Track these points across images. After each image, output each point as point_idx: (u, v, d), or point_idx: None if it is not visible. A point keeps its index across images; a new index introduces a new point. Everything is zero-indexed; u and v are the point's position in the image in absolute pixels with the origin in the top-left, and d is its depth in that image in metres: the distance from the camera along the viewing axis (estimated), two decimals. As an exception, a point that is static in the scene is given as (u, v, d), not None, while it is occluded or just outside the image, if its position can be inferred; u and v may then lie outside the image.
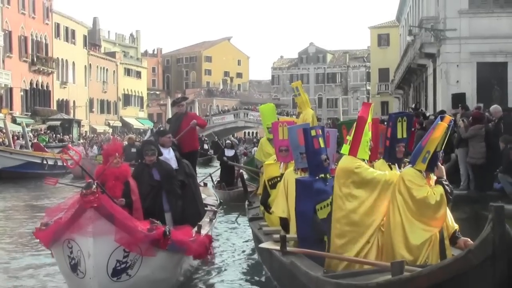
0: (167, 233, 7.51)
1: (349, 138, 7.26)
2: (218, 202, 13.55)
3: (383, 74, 66.04)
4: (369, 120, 7.33)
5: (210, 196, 14.18)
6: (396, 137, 7.46)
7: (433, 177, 6.86)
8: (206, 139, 51.64)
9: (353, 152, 7.14)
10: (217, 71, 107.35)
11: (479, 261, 4.67)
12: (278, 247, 7.69)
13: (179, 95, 71.19)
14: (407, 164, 7.26)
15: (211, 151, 45.17)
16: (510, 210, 11.19)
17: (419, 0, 32.39)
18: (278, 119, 13.54)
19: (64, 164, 13.22)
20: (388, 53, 62.58)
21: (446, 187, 6.71)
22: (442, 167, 6.94)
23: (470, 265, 4.73)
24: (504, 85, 23.90)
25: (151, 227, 7.49)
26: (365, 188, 7.01)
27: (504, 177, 12.66)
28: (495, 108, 14.51)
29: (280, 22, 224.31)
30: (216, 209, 12.12)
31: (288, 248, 7.60)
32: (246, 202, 13.10)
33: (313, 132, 8.02)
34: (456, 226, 6.94)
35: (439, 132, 6.67)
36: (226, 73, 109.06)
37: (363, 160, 7.20)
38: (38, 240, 8.22)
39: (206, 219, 10.76)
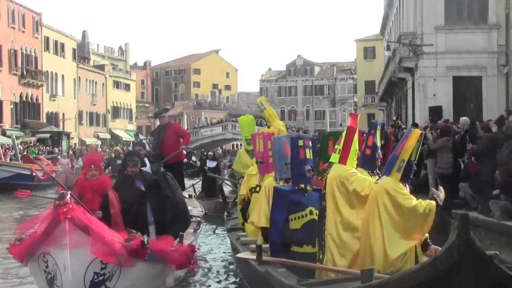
0: (145, 243, 7.34)
1: (338, 147, 7.39)
2: (203, 213, 13.50)
3: (369, 86, 66.74)
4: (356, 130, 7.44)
5: (195, 207, 14.10)
6: (376, 145, 7.64)
7: (407, 188, 6.88)
8: (194, 151, 52.17)
9: (343, 160, 7.28)
10: (206, 84, 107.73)
11: (446, 267, 4.78)
12: (254, 257, 7.85)
13: (169, 108, 71.77)
14: (379, 175, 7.36)
15: (199, 163, 45.64)
16: (471, 217, 12.05)
17: (400, 15, 33.13)
18: (258, 130, 14.12)
19: (35, 174, 13.33)
20: (374, 65, 63.27)
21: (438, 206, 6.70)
22: (443, 192, 7.01)
23: (437, 271, 4.82)
24: (480, 98, 24.61)
25: (129, 237, 7.33)
26: (356, 198, 7.12)
27: (464, 186, 13.43)
28: (462, 120, 15.26)
29: (268, 35, 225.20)
30: (201, 220, 12.09)
31: (264, 258, 7.75)
32: (225, 213, 13.35)
33: (300, 142, 8.21)
34: (426, 234, 6.94)
35: (412, 140, 6.72)
36: (215, 85, 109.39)
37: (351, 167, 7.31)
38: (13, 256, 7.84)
39: (190, 229, 10.79)
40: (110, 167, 20.04)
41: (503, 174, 11.48)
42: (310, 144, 8.33)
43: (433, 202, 6.66)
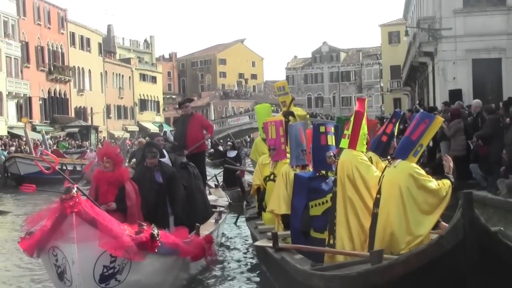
0: (155, 235, 7.21)
1: (347, 132, 7.35)
2: (228, 203, 13.37)
3: (395, 71, 66.31)
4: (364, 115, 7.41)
5: (221, 197, 14.06)
6: (394, 134, 7.63)
7: None
8: (221, 141, 52.51)
9: (352, 145, 7.26)
10: (232, 73, 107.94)
11: (451, 246, 4.84)
12: (271, 244, 7.95)
13: (195, 98, 72.00)
14: (389, 160, 7.13)
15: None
16: (480, 196, 12.32)
17: (420, 0, 33.24)
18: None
19: (40, 169, 13.16)
20: (399, 50, 62.84)
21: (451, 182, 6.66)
22: (451, 164, 6.97)
23: (443, 250, 4.89)
24: (499, 80, 24.67)
25: (139, 230, 7.21)
26: (364, 184, 7.05)
27: (474, 167, 13.65)
28: (475, 102, 15.47)
29: (292, 23, 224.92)
30: (224, 210, 12.00)
31: (280, 245, 7.85)
32: (244, 203, 13.36)
33: (322, 129, 8.15)
34: None
35: (436, 127, 6.71)
36: (241, 75, 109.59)
37: (361, 152, 7.29)
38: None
39: (211, 220, 10.75)
40: (134, 159, 20.32)
41: (509, 154, 11.71)
42: (332, 130, 8.28)
43: (449, 182, 6.60)
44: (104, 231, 6.76)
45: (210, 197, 12.93)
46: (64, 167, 32.63)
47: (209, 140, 30.95)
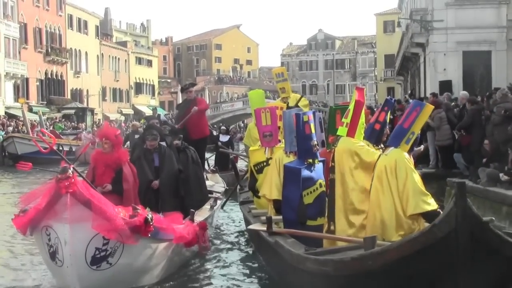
0: (149, 220, 7.11)
1: (345, 120, 7.48)
2: (224, 189, 13.35)
3: (389, 60, 66.40)
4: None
5: (217, 182, 14.00)
6: (387, 122, 7.71)
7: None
8: (214, 126, 52.99)
9: (351, 133, 7.39)
10: (227, 59, 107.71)
11: (444, 234, 4.96)
12: (265, 228, 8.00)
13: (195, 82, 71.43)
14: (383, 148, 7.39)
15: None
16: (471, 187, 13.00)
17: (415, -10, 33.73)
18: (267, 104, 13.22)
19: (38, 148, 13.06)
20: (394, 39, 62.78)
21: None
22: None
23: (436, 238, 5.01)
24: (489, 72, 25.11)
25: (133, 214, 7.12)
26: (364, 170, 7.21)
27: (457, 156, 14.34)
28: (462, 94, 16.10)
29: (288, 9, 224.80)
30: (220, 196, 12.01)
31: (274, 229, 7.90)
32: (238, 187, 13.32)
33: (305, 118, 8.14)
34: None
35: (426, 115, 6.88)
36: (236, 61, 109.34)
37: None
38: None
39: (207, 206, 10.69)
40: (128, 142, 20.52)
41: (490, 145, 12.39)
42: (313, 118, 8.34)
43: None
44: (98, 213, 6.71)
45: (207, 183, 12.87)
46: (61, 148, 33.21)
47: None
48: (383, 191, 6.78)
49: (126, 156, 8.91)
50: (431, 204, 6.54)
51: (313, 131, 8.17)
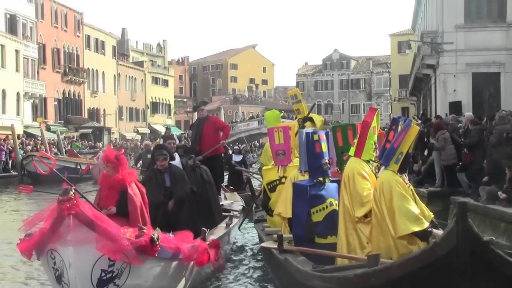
0: (155, 239, 6.96)
1: (356, 140, 7.68)
2: (242, 207, 13.25)
3: (403, 80, 66.34)
4: (374, 124, 7.70)
5: (236, 201, 13.88)
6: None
7: (405, 178, 7.14)
8: (231, 145, 53.34)
9: (358, 154, 7.57)
10: (243, 78, 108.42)
11: (445, 252, 5.06)
12: (276, 246, 8.12)
13: (207, 101, 71.65)
14: (378, 166, 7.60)
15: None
16: (472, 205, 13.42)
17: (426, 13, 34.15)
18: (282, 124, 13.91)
19: (37, 170, 12.65)
20: (408, 59, 62.89)
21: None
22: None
23: (437, 256, 5.11)
24: (498, 94, 25.58)
25: (139, 234, 6.99)
26: (353, 196, 7.38)
27: (461, 175, 14.75)
28: (467, 115, 16.57)
29: (304, 30, 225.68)
30: (236, 214, 11.98)
31: (284, 247, 8.01)
32: (254, 205, 13.27)
33: (315, 137, 8.30)
34: (432, 215, 7.21)
35: (412, 135, 6.91)
36: (252, 80, 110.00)
37: (368, 161, 7.61)
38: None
39: (222, 224, 10.63)
40: (141, 161, 20.75)
41: (489, 165, 12.85)
42: (324, 138, 8.49)
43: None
44: (102, 234, 6.60)
45: (224, 202, 13.12)
46: (78, 167, 33.84)
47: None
48: (378, 214, 6.99)
49: (132, 176, 8.67)
50: (420, 224, 6.67)
51: (324, 150, 8.32)
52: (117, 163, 8.51)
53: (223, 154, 15.25)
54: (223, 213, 11.79)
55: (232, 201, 13.61)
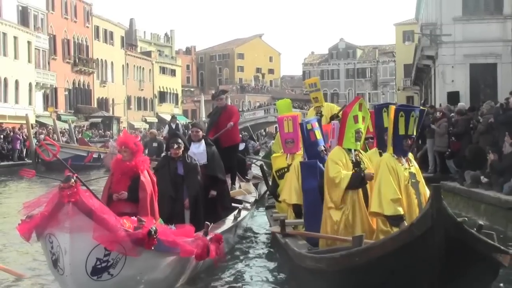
0: (152, 232, 6.89)
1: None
2: (254, 199, 13.20)
3: (408, 69, 66.74)
4: (356, 113, 7.91)
5: (250, 193, 13.76)
6: (382, 127, 8.07)
7: (402, 160, 7.37)
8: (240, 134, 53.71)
9: (339, 143, 7.98)
10: (249, 68, 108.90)
11: (421, 232, 5.32)
12: (280, 230, 8.49)
13: (213, 92, 71.78)
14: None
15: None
16: (451, 187, 14.50)
17: (427, 5, 34.95)
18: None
19: (41, 156, 12.47)
20: (413, 49, 63.89)
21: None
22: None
23: (414, 236, 5.39)
24: (495, 84, 26.28)
25: (138, 226, 6.94)
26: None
27: (449, 162, 15.80)
28: (459, 105, 17.52)
29: (310, 19, 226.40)
30: (249, 207, 11.97)
31: (287, 231, 8.39)
32: (267, 192, 13.29)
33: (308, 126, 8.57)
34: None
35: (391, 114, 7.28)
36: (258, 70, 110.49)
37: (350, 150, 7.89)
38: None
39: (230, 217, 10.53)
40: (146, 150, 21.41)
41: (468, 152, 13.95)
42: (317, 125, 8.76)
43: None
44: (100, 224, 6.61)
45: (236, 192, 13.13)
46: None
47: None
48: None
49: (145, 164, 8.55)
50: (391, 209, 7.08)
51: (318, 137, 8.63)
52: (135, 149, 8.44)
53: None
54: (235, 204, 11.68)
55: (245, 193, 13.46)
